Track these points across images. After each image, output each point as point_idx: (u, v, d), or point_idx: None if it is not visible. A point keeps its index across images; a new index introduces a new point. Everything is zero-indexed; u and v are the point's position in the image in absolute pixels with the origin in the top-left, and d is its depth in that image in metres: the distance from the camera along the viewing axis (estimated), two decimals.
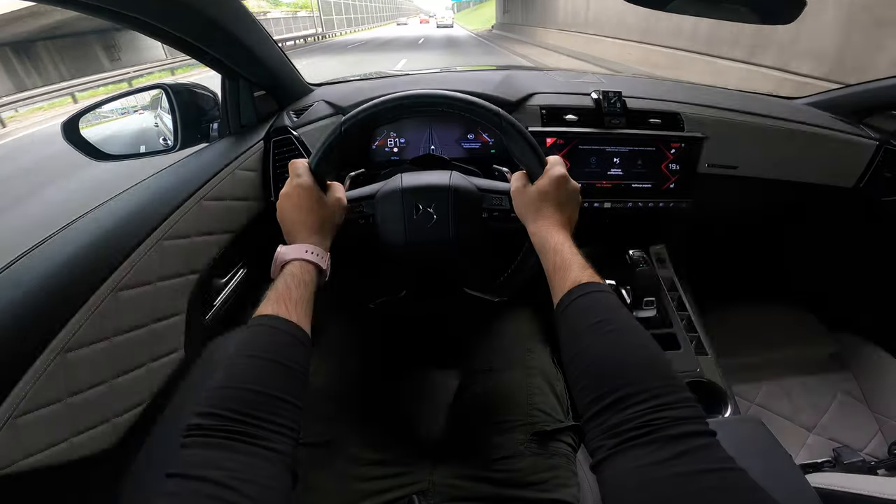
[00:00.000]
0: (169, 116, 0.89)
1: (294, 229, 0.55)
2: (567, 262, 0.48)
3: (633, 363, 0.37)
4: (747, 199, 1.07)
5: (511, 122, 0.58)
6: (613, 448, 0.33)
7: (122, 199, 0.64)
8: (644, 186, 0.93)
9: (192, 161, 0.77)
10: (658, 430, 0.32)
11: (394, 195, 0.60)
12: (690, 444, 0.31)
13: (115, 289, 0.54)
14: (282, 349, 0.42)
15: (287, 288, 0.47)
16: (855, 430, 0.82)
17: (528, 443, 0.59)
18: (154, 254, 0.60)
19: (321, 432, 0.59)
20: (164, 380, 0.63)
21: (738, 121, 0.98)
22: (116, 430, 0.55)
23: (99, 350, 0.52)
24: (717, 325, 0.94)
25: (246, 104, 0.88)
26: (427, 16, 71.01)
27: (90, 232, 0.55)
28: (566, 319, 0.45)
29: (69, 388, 0.49)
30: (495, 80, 1.06)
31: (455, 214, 0.60)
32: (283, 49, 0.91)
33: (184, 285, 0.66)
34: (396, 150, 0.92)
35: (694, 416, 0.33)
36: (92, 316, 0.50)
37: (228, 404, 0.36)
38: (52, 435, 0.47)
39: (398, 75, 1.21)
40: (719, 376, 0.78)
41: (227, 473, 0.31)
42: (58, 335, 0.47)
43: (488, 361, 0.71)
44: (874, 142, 1.04)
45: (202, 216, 0.70)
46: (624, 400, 0.35)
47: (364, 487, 0.55)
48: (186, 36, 0.67)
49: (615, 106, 0.91)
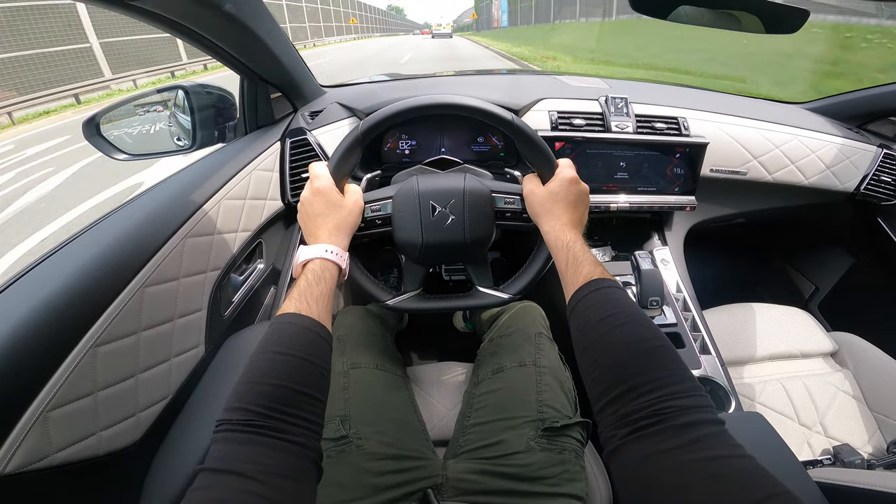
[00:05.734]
0: (185, 116, 0.91)
1: (314, 230, 0.56)
2: (579, 259, 0.50)
3: (643, 354, 0.38)
4: (749, 203, 1.09)
5: (523, 127, 0.60)
6: (625, 437, 0.34)
7: (148, 196, 0.65)
8: (649, 189, 0.95)
9: (214, 160, 0.79)
10: (668, 418, 0.33)
11: (411, 197, 0.62)
12: (700, 432, 0.32)
13: (144, 285, 0.55)
14: (305, 345, 0.43)
15: (308, 286, 0.49)
16: (854, 429, 0.83)
17: (538, 438, 0.61)
18: (179, 251, 0.61)
19: (336, 427, 0.60)
20: (185, 375, 0.63)
21: (740, 126, 1.00)
22: (141, 425, 0.56)
23: (127, 345, 0.53)
24: (719, 324, 0.96)
25: (263, 105, 0.90)
26: (426, 28, 68.53)
27: (118, 229, 0.57)
28: (578, 313, 0.46)
29: (99, 382, 0.49)
30: (505, 85, 1.08)
31: (469, 215, 0.62)
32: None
33: (205, 282, 0.68)
34: (408, 151, 0.94)
35: (703, 404, 0.34)
36: (122, 311, 0.51)
37: (255, 399, 0.36)
38: (83, 429, 0.48)
39: (410, 78, 1.23)
40: (722, 375, 0.80)
41: (257, 467, 0.32)
42: (89, 330, 0.48)
43: (498, 360, 0.73)
44: (875, 147, 1.06)
45: (223, 214, 0.72)
46: (635, 389, 0.36)
47: (378, 482, 0.56)
48: (208, 34, 0.68)
49: (622, 111, 0.93)
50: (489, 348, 0.78)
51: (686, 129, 0.93)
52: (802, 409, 0.86)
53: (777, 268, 1.50)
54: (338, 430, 0.60)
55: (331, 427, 0.60)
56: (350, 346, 0.74)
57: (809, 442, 0.83)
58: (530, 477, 0.57)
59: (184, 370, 0.64)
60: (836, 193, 1.07)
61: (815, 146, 1.03)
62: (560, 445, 0.61)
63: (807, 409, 0.86)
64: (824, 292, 1.33)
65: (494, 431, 0.63)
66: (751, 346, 0.95)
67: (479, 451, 0.62)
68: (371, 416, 0.64)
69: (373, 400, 0.67)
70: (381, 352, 0.76)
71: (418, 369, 0.84)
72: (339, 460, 0.58)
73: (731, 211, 1.09)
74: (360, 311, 0.85)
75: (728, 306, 1.04)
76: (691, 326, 0.88)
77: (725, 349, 0.90)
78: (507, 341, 0.76)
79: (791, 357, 0.95)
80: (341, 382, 0.67)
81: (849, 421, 0.85)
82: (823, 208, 1.16)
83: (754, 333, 0.97)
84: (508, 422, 0.63)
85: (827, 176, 1.04)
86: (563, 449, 0.61)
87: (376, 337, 0.79)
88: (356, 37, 37.42)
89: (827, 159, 1.03)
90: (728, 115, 1.00)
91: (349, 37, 34.14)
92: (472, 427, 0.66)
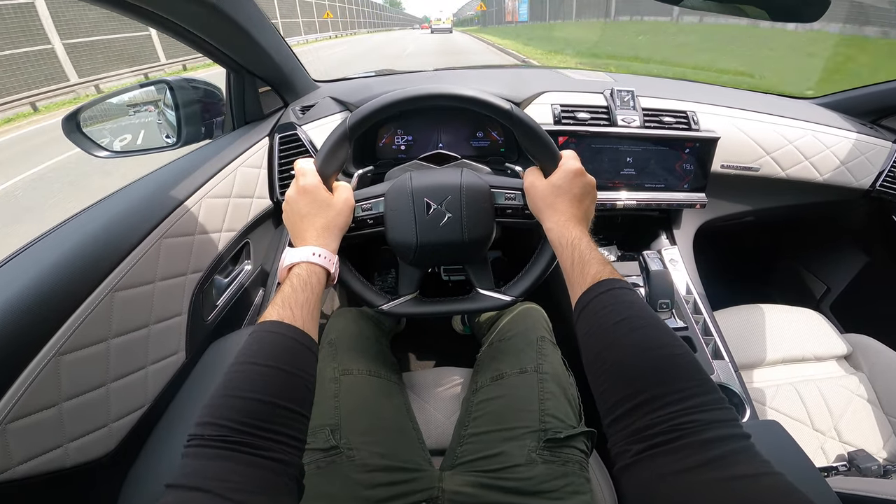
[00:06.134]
0: (171, 112, 0.88)
1: (301, 232, 0.53)
2: (585, 258, 0.47)
3: (659, 363, 0.35)
4: (761, 200, 1.06)
5: (522, 116, 0.56)
6: (639, 454, 0.31)
7: (120, 195, 0.62)
8: (657, 186, 0.92)
9: (196, 157, 0.76)
10: (688, 434, 0.30)
11: (403, 194, 0.59)
12: (724, 449, 0.29)
13: (114, 289, 0.52)
14: (286, 356, 0.40)
15: (293, 291, 0.46)
16: (869, 434, 0.81)
17: (539, 450, 0.58)
18: (155, 252, 0.58)
19: (326, 437, 0.58)
20: (164, 383, 0.61)
21: (752, 120, 0.97)
22: (114, 436, 0.53)
23: (96, 353, 0.50)
24: (729, 327, 0.92)
25: (251, 99, 0.87)
26: (425, 23, 66.20)
27: (87, 230, 0.54)
28: (587, 317, 0.43)
29: (64, 392, 0.47)
30: (505, 78, 1.05)
31: (467, 213, 0.58)
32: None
33: (186, 285, 0.65)
34: (404, 147, 0.91)
35: (726, 418, 0.31)
36: (89, 317, 0.49)
37: (228, 413, 0.34)
38: (47, 441, 0.46)
39: (407, 72, 1.19)
40: (736, 381, 0.77)
41: (226, 484, 0.30)
42: (52, 337, 0.45)
43: (498, 366, 0.70)
44: (890, 143, 1.03)
45: (206, 213, 0.68)
46: (651, 402, 0.33)
47: (370, 494, 0.54)
48: (191, 27, 0.66)
49: (628, 105, 0.89)
50: (488, 353, 0.75)
51: (696, 124, 0.90)
52: (816, 414, 0.83)
53: (787, 267, 1.47)
54: (328, 440, 0.57)
55: (320, 437, 0.57)
56: (342, 351, 0.71)
57: (824, 448, 0.80)
58: (532, 491, 0.54)
59: (162, 378, 0.61)
60: (850, 190, 1.04)
61: (830, 142, 0.99)
62: (563, 457, 0.57)
63: (821, 414, 0.83)
64: (836, 292, 1.30)
65: (493, 442, 0.60)
66: (762, 349, 0.92)
67: (477, 462, 0.59)
68: (363, 425, 0.61)
69: (365, 408, 0.64)
70: (375, 357, 0.73)
71: (414, 375, 0.81)
72: (329, 472, 0.55)
73: (741, 208, 1.05)
74: (354, 313, 0.82)
75: (737, 308, 1.01)
76: (702, 330, 0.84)
77: (737, 353, 0.87)
78: (508, 346, 0.73)
79: (804, 360, 0.92)
80: (332, 389, 0.64)
81: (864, 426, 0.82)
82: (837, 206, 1.13)
83: (766, 336, 0.94)
84: (508, 432, 0.60)
85: (842, 172, 1.01)
86: (567, 461, 0.57)
87: (370, 341, 0.76)
88: (331, 35, 28.82)
89: (841, 155, 1.00)
90: (739, 108, 0.97)
91: (321, 35, 25.44)
92: (469, 437, 0.62)
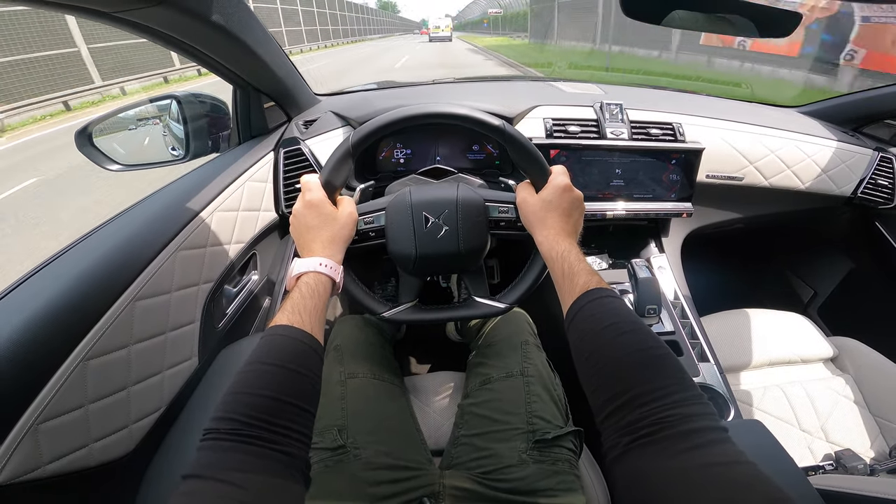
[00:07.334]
0: (179, 126, 0.91)
1: (308, 244, 0.56)
2: (575, 269, 0.50)
3: (644, 363, 0.38)
4: (747, 208, 1.09)
5: (513, 134, 0.59)
6: (627, 446, 0.34)
7: (139, 209, 0.65)
8: (646, 196, 0.95)
9: (206, 171, 0.78)
10: (671, 426, 0.33)
11: (403, 208, 0.62)
12: (702, 439, 0.32)
13: (135, 298, 0.55)
14: (295, 357, 0.43)
15: (302, 298, 0.49)
16: (856, 434, 0.83)
17: (529, 451, 0.60)
18: (171, 264, 0.61)
19: (334, 437, 0.60)
20: (178, 387, 0.63)
21: (735, 131, 1.00)
22: (133, 437, 0.56)
23: (118, 358, 0.53)
24: (718, 331, 0.95)
25: (256, 114, 0.90)
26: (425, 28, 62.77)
27: (109, 242, 0.56)
28: (577, 324, 0.46)
29: (90, 395, 0.49)
30: (499, 92, 1.08)
31: (463, 226, 0.61)
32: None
33: (198, 294, 0.67)
34: (403, 161, 0.94)
35: (706, 412, 0.34)
36: (113, 325, 0.51)
37: (242, 409, 0.36)
38: (74, 441, 0.48)
39: (404, 85, 1.23)
40: (721, 383, 0.80)
41: (241, 475, 0.32)
42: (80, 343, 0.48)
43: (486, 371, 0.72)
44: (871, 150, 1.06)
45: (216, 226, 0.71)
46: (637, 398, 0.36)
47: (374, 491, 0.56)
48: (197, 45, 0.68)
49: (617, 118, 0.93)
50: (477, 359, 0.78)
51: (681, 135, 0.93)
52: (803, 414, 0.85)
53: (775, 273, 1.49)
54: (335, 439, 0.60)
55: (328, 437, 0.60)
56: (348, 356, 0.73)
57: (811, 448, 0.82)
58: (526, 490, 0.57)
59: (177, 382, 0.63)
60: (833, 198, 1.07)
61: (811, 150, 1.02)
62: (553, 457, 0.60)
63: (808, 415, 0.85)
64: (823, 297, 1.32)
65: (485, 444, 0.62)
66: (750, 352, 0.94)
67: (473, 463, 0.61)
68: (369, 425, 0.64)
69: (370, 409, 0.67)
70: (379, 361, 0.76)
71: (415, 379, 0.83)
72: (336, 470, 0.57)
73: (728, 217, 1.08)
74: (358, 320, 0.84)
75: (726, 312, 1.03)
76: (689, 334, 0.87)
77: (725, 356, 0.89)
78: (493, 351, 0.76)
79: (791, 363, 0.95)
80: (339, 392, 0.67)
81: (850, 426, 0.84)
82: (821, 213, 1.16)
83: (753, 339, 0.96)
84: (498, 434, 0.63)
85: (823, 180, 1.04)
86: (557, 460, 0.60)
87: (374, 346, 0.79)
88: (312, 47, 21.11)
89: (823, 163, 1.03)
90: (723, 119, 1.00)
91: (294, 48, 18.08)
92: (463, 439, 0.65)
